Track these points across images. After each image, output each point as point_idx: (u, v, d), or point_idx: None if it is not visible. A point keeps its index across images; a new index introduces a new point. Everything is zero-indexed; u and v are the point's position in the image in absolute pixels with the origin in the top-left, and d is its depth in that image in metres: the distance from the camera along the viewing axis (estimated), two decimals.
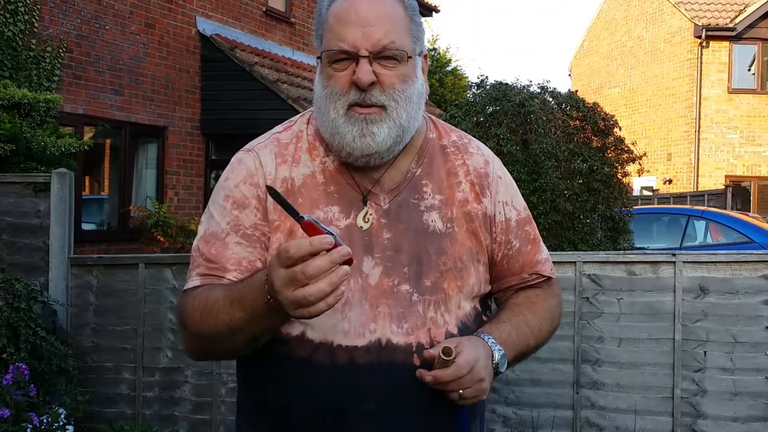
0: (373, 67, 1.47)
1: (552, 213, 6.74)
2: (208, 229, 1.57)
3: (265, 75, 10.48)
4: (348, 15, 1.47)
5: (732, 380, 4.52)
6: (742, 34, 19.10)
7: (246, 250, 1.53)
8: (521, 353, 1.60)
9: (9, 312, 4.32)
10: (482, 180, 1.62)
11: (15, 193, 5.16)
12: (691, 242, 10.21)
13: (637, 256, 4.74)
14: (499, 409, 4.80)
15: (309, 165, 1.57)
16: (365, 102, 1.48)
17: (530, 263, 1.67)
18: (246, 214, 1.54)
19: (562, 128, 7.13)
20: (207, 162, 11.19)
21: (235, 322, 1.41)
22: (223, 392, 4.92)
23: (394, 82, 1.48)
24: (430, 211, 1.57)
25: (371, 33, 1.46)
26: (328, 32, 1.49)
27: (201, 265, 1.55)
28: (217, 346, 1.50)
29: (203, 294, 1.48)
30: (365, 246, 1.52)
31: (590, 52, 24.57)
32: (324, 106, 1.52)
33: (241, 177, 1.57)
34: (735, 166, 19.29)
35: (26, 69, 8.14)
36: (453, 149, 1.64)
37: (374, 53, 1.46)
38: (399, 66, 1.49)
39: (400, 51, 1.48)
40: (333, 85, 1.49)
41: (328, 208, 1.54)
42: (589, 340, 4.69)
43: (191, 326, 1.50)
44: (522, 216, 1.67)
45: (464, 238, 1.58)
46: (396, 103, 1.49)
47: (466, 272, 1.56)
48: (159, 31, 10.32)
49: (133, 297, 5.08)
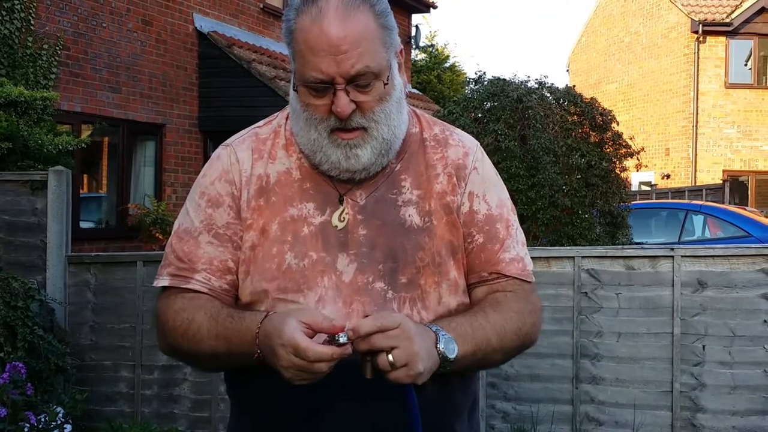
0: (350, 95, 1.45)
1: (550, 208, 6.74)
2: (182, 225, 1.58)
3: (262, 72, 10.47)
4: (318, 41, 1.42)
5: (731, 374, 4.53)
6: (738, 29, 19.11)
7: (217, 250, 1.53)
8: (480, 349, 1.48)
9: (6, 310, 4.30)
10: (459, 171, 1.59)
11: (12, 191, 5.14)
12: (689, 237, 10.21)
13: (636, 251, 4.74)
14: (498, 405, 4.80)
15: (285, 161, 1.56)
16: (346, 127, 1.48)
17: (491, 261, 1.58)
18: (219, 213, 1.54)
19: (560, 123, 7.12)
20: (205, 159, 11.12)
21: (218, 352, 1.47)
22: (222, 390, 4.91)
23: (373, 105, 1.47)
24: (408, 206, 1.54)
25: (344, 60, 1.42)
26: (300, 57, 1.46)
27: (171, 264, 1.57)
28: (194, 362, 1.59)
29: (186, 314, 1.50)
30: (340, 243, 1.50)
31: (588, 47, 24.57)
32: (304, 125, 1.51)
33: (216, 174, 1.57)
34: (732, 160, 19.31)
35: (23, 67, 8.12)
36: (433, 143, 1.62)
37: (349, 80, 1.44)
38: (376, 85, 1.47)
39: (375, 73, 1.46)
40: (312, 112, 1.48)
41: (302, 205, 1.53)
42: (588, 335, 4.69)
43: (170, 340, 1.54)
44: (494, 212, 1.60)
45: (443, 231, 1.55)
46: (376, 123, 1.48)
47: (444, 266, 1.53)
48: (156, 28, 10.30)
49: (132, 295, 5.07)
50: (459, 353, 1.42)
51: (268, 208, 1.53)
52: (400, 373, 1.33)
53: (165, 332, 1.55)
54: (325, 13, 1.42)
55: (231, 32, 11.40)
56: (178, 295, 1.54)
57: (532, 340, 1.61)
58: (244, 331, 1.42)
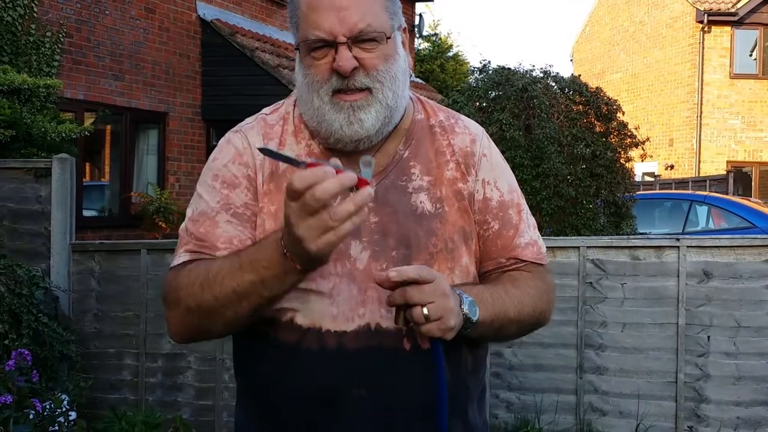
0: (353, 52, 1.44)
1: (555, 198, 6.72)
2: (196, 209, 1.54)
3: (266, 60, 10.43)
4: (320, 1, 1.44)
5: (735, 365, 4.52)
6: (743, 19, 19.03)
7: (237, 229, 1.49)
8: (497, 319, 1.49)
9: (11, 298, 4.30)
10: (468, 159, 1.59)
11: (16, 179, 5.13)
12: (693, 227, 10.20)
13: (641, 241, 4.73)
14: (502, 394, 4.80)
15: (294, 148, 1.55)
16: (349, 87, 1.45)
17: (507, 247, 1.59)
18: (237, 194, 1.52)
19: (565, 113, 7.10)
20: (208, 148, 11.14)
21: (243, 286, 1.37)
22: (226, 378, 4.92)
23: (377, 63, 1.46)
24: (419, 193, 1.54)
25: (346, 17, 1.42)
26: (303, 21, 1.46)
27: (190, 242, 1.51)
28: (215, 318, 1.43)
29: (202, 265, 1.44)
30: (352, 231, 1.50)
31: (592, 37, 24.48)
32: (306, 94, 1.49)
33: (230, 156, 1.55)
34: (736, 151, 19.27)
35: (26, 54, 8.10)
36: (440, 129, 1.61)
37: (352, 38, 1.43)
38: (379, 46, 1.46)
39: (378, 32, 1.45)
40: (314, 74, 1.46)
41: None
42: (592, 325, 4.68)
43: (187, 299, 1.44)
44: (505, 198, 1.61)
45: (455, 217, 1.54)
46: (381, 84, 1.47)
47: (457, 252, 1.53)
48: (159, 16, 10.27)
49: (136, 283, 5.07)
50: (479, 317, 1.43)
51: (278, 194, 1.50)
52: (433, 326, 1.35)
53: (179, 295, 1.45)
54: None
55: (234, 20, 11.36)
56: (186, 263, 1.49)
57: (546, 318, 1.64)
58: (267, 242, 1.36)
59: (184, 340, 1.53)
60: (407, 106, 1.60)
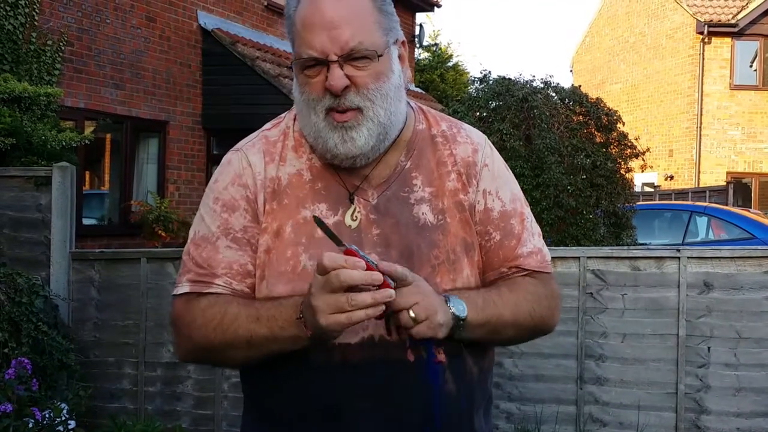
0: (345, 70, 1.44)
1: (555, 208, 6.73)
2: (198, 232, 1.56)
3: (266, 69, 10.45)
4: (313, 19, 1.44)
5: (736, 376, 4.51)
6: (744, 30, 19.07)
7: (237, 254, 1.52)
8: (491, 321, 1.49)
9: (10, 306, 4.30)
10: (469, 169, 1.59)
11: (16, 187, 5.13)
12: (693, 238, 10.19)
13: (642, 252, 4.73)
14: (502, 405, 4.78)
15: (295, 163, 1.56)
16: (340, 107, 1.46)
17: (509, 257, 1.59)
18: (236, 217, 1.53)
19: (565, 123, 7.12)
20: (208, 157, 11.16)
21: (256, 339, 1.44)
22: (225, 387, 4.91)
23: (368, 82, 1.46)
24: (420, 204, 1.54)
25: (338, 36, 1.43)
26: (297, 38, 1.47)
27: (191, 270, 1.54)
28: (224, 357, 1.52)
29: (216, 308, 1.48)
30: (355, 243, 1.48)
31: (592, 47, 24.53)
32: (305, 110, 1.51)
33: (229, 178, 1.56)
34: (736, 162, 19.27)
35: (27, 62, 8.11)
36: (441, 139, 1.61)
37: (343, 56, 1.44)
38: (371, 64, 1.46)
39: (370, 50, 1.45)
40: (309, 92, 1.48)
41: (315, 206, 1.52)
42: (592, 336, 4.67)
43: (199, 337, 1.50)
44: (507, 208, 1.60)
45: (457, 229, 1.55)
46: (372, 102, 1.47)
47: (459, 264, 1.53)
48: (160, 25, 10.29)
49: (135, 292, 5.06)
50: (469, 316, 1.45)
51: (281, 211, 1.52)
52: (422, 327, 1.38)
53: (191, 332, 1.51)
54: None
55: (235, 29, 11.38)
56: (201, 297, 1.52)
57: (548, 324, 1.63)
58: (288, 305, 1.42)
59: (190, 362, 1.60)
60: (408, 116, 1.60)
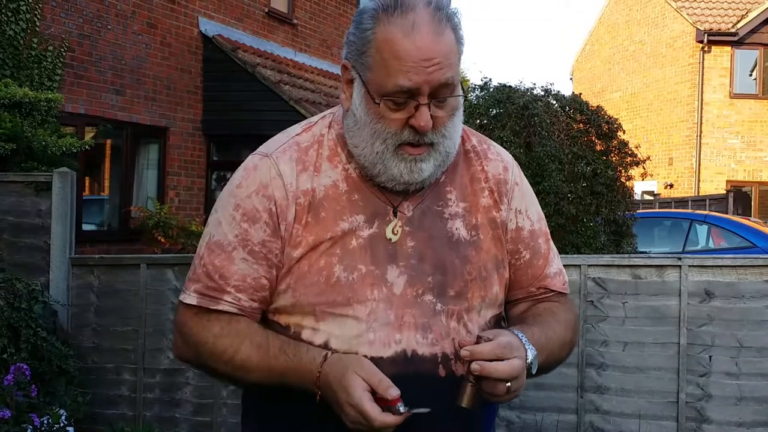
0: (431, 111, 1.43)
1: (555, 216, 6.71)
2: (214, 236, 1.51)
3: (267, 76, 10.46)
4: (411, 55, 1.39)
5: (737, 385, 4.49)
6: (743, 39, 19.09)
7: (251, 267, 1.48)
8: (547, 360, 1.53)
9: (10, 312, 4.28)
10: (501, 187, 1.60)
11: (16, 193, 5.13)
12: (693, 247, 10.18)
13: (643, 260, 4.71)
14: (502, 413, 4.76)
15: (330, 174, 1.51)
16: (418, 142, 1.45)
17: (538, 277, 1.62)
18: (255, 229, 1.48)
19: (565, 131, 7.11)
20: (208, 163, 11.16)
21: (263, 382, 1.47)
22: (224, 394, 4.89)
23: (446, 120, 1.46)
24: (455, 219, 1.54)
25: (435, 71, 1.40)
26: (383, 67, 1.41)
27: (200, 280, 1.51)
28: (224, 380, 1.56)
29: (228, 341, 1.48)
30: (389, 255, 1.48)
31: (592, 56, 24.56)
32: (369, 137, 1.46)
33: (254, 187, 1.50)
34: (736, 171, 19.27)
35: (28, 68, 8.11)
36: (474, 155, 1.62)
37: (435, 90, 1.42)
38: (450, 100, 1.46)
39: (454, 86, 1.44)
40: (385, 125, 1.44)
41: (353, 218, 1.49)
42: (593, 344, 4.66)
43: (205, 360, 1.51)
44: (535, 227, 1.63)
45: (489, 246, 1.56)
46: (444, 138, 1.48)
47: (489, 281, 1.54)
48: (161, 31, 10.30)
49: (135, 297, 5.05)
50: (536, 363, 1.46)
51: (317, 225, 1.48)
52: (508, 397, 1.38)
53: (199, 352, 1.51)
54: (418, 27, 1.40)
55: (236, 36, 11.40)
56: (212, 316, 1.50)
57: (573, 347, 1.66)
58: (302, 371, 1.42)
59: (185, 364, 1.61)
60: None
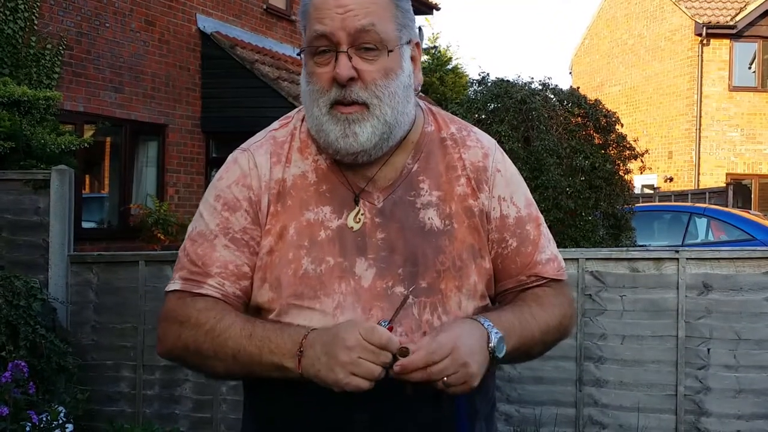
0: (353, 62, 1.42)
1: (554, 210, 6.72)
2: (195, 228, 1.54)
3: (265, 73, 10.45)
4: (325, 2, 1.43)
5: (736, 377, 4.50)
6: (742, 32, 19.08)
7: (233, 254, 1.49)
8: (524, 344, 1.48)
9: (8, 309, 4.29)
10: (480, 174, 1.55)
11: (15, 190, 5.13)
12: (692, 240, 10.19)
13: (640, 253, 4.71)
14: (501, 407, 4.77)
15: (300, 165, 1.52)
16: (346, 99, 1.43)
17: (528, 264, 1.56)
18: (236, 217, 1.50)
19: (563, 125, 7.11)
20: (207, 160, 11.17)
21: (242, 354, 1.41)
22: (224, 390, 4.90)
23: (375, 77, 1.43)
24: (427, 209, 1.50)
25: (350, 16, 1.41)
26: (309, 21, 1.46)
27: (184, 267, 1.52)
28: (205, 363, 1.48)
29: (212, 313, 1.45)
30: (358, 247, 1.46)
31: (591, 50, 24.54)
32: (309, 102, 1.48)
33: (234, 178, 1.53)
34: (736, 164, 19.27)
35: (26, 66, 8.11)
36: (451, 142, 1.57)
37: (354, 37, 1.42)
38: (380, 58, 1.44)
39: (381, 38, 1.43)
40: (315, 82, 1.46)
41: (319, 209, 1.49)
42: (591, 338, 4.66)
43: (188, 338, 1.46)
44: (523, 214, 1.57)
45: (464, 235, 1.51)
46: (379, 100, 1.44)
47: (465, 271, 1.49)
48: (159, 28, 10.29)
49: (134, 295, 5.05)
50: (507, 350, 1.42)
51: (284, 213, 1.49)
52: (457, 389, 1.35)
53: (182, 330, 1.47)
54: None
55: (234, 33, 11.39)
56: (197, 297, 1.49)
57: (569, 332, 1.63)
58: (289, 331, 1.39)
59: (169, 360, 1.57)
60: (417, 117, 1.57)
